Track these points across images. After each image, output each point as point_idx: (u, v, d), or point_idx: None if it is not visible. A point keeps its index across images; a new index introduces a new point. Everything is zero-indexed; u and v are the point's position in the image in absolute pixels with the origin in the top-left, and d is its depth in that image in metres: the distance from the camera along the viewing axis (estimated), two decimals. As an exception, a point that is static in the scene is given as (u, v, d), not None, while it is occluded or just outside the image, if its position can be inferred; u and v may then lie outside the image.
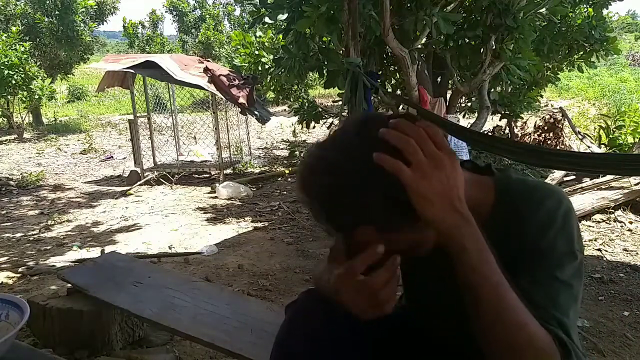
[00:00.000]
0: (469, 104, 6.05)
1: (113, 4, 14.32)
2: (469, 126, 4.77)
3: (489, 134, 5.99)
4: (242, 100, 5.60)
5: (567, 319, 0.77)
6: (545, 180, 3.68)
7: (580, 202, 3.90)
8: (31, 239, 4.08)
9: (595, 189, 4.15)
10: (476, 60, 4.67)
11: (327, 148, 0.77)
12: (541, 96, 7.32)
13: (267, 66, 6.82)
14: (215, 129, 6.03)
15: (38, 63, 12.18)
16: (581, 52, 5.71)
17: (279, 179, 6.09)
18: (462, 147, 4.42)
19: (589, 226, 3.77)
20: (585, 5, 5.57)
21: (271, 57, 6.56)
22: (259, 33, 7.91)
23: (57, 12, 12.50)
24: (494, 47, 4.23)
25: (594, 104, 12.30)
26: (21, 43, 10.74)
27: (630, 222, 3.83)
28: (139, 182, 6.00)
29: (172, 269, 3.13)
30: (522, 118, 6.19)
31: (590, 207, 3.91)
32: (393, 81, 5.93)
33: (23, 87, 10.58)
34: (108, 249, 3.63)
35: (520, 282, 0.78)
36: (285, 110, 10.61)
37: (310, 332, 0.92)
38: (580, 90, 14.85)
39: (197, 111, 7.95)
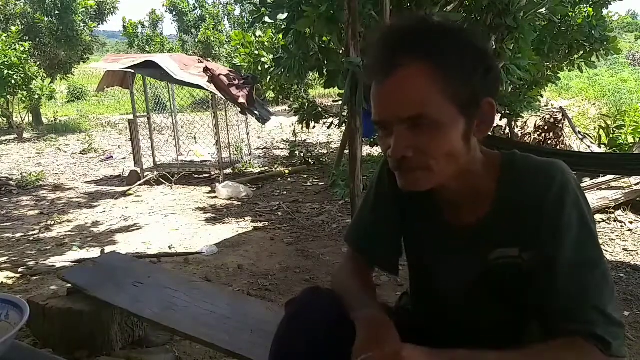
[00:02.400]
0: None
1: (113, 3, 14.30)
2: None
3: (489, 134, 6.00)
4: (242, 100, 5.60)
5: (602, 303, 0.79)
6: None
7: (581, 202, 3.90)
8: (31, 239, 4.08)
9: (596, 188, 4.15)
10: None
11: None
12: (541, 96, 7.31)
13: (267, 66, 6.83)
14: (215, 129, 6.03)
15: (38, 63, 12.18)
16: (581, 52, 5.71)
17: (279, 179, 6.09)
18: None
19: (589, 226, 3.76)
20: (585, 5, 5.57)
21: (271, 56, 6.57)
22: (258, 33, 7.92)
23: (56, 12, 12.49)
24: (494, 46, 4.22)
25: (594, 104, 12.31)
26: (21, 43, 10.73)
27: (631, 222, 3.83)
28: (138, 182, 6.00)
29: (172, 269, 3.13)
30: (522, 118, 6.19)
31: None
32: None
33: (23, 87, 10.58)
34: (108, 249, 3.63)
35: (549, 265, 0.81)
36: (285, 110, 10.61)
37: (309, 329, 0.92)
38: (581, 90, 14.85)
39: (197, 111, 7.94)
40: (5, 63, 10.07)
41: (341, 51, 4.27)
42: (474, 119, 0.82)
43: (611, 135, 5.85)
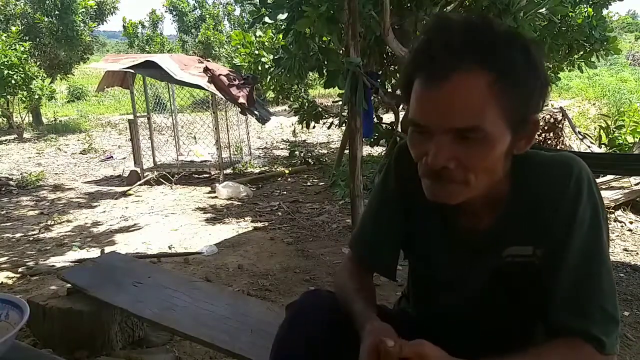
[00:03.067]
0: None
1: (113, 3, 14.31)
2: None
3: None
4: (242, 100, 5.60)
5: (604, 300, 0.79)
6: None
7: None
8: (31, 239, 4.08)
9: (596, 188, 4.14)
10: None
11: None
12: (541, 96, 7.28)
13: (267, 66, 6.83)
14: (215, 129, 6.03)
15: (38, 63, 12.18)
16: (581, 52, 5.70)
17: (279, 179, 6.09)
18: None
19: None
20: (585, 5, 5.56)
21: (271, 57, 6.56)
22: (259, 33, 7.92)
23: (56, 12, 12.50)
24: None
25: (594, 104, 12.30)
26: (21, 43, 10.74)
27: (631, 222, 3.83)
28: (138, 182, 6.00)
29: (172, 269, 3.13)
30: (522, 118, 6.18)
31: (590, 207, 3.91)
32: (393, 81, 5.94)
33: (23, 87, 10.58)
34: (108, 249, 3.63)
35: (557, 259, 0.81)
36: (285, 110, 10.62)
37: (309, 333, 0.92)
38: (581, 90, 14.85)
39: (197, 111, 7.95)
40: (6, 63, 10.08)
41: (341, 51, 4.27)
42: (519, 136, 0.79)
43: (611, 135, 5.85)
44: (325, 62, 4.45)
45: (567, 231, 0.80)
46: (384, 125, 5.21)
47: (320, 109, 6.06)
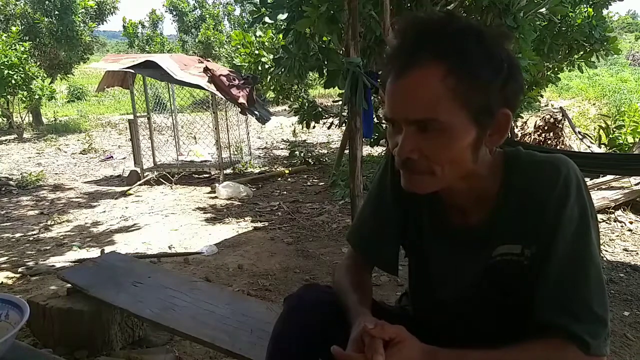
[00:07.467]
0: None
1: (113, 3, 14.29)
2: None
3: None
4: (242, 100, 5.60)
5: (590, 298, 0.78)
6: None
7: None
8: (31, 239, 4.08)
9: (596, 188, 4.15)
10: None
11: None
12: (541, 96, 7.33)
13: (267, 66, 6.82)
14: (215, 129, 6.03)
15: (38, 63, 12.16)
16: (581, 52, 5.71)
17: (279, 179, 6.09)
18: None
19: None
20: (585, 5, 5.57)
21: (271, 56, 6.56)
22: (259, 33, 7.90)
23: (56, 12, 12.49)
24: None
25: (594, 104, 12.31)
26: (21, 43, 10.73)
27: (631, 222, 3.83)
28: (138, 182, 6.00)
29: (172, 269, 3.14)
30: (522, 118, 6.19)
31: (590, 207, 3.91)
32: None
33: (23, 87, 10.56)
34: (108, 249, 3.63)
35: (545, 258, 0.81)
36: (285, 110, 10.61)
37: (306, 326, 0.93)
38: (581, 90, 14.85)
39: (197, 111, 7.94)
40: (6, 63, 10.07)
41: (341, 51, 4.27)
42: (486, 129, 0.80)
43: (611, 135, 5.86)
44: (325, 62, 4.44)
45: (555, 231, 0.81)
46: (384, 125, 5.21)
47: (320, 109, 6.06)
